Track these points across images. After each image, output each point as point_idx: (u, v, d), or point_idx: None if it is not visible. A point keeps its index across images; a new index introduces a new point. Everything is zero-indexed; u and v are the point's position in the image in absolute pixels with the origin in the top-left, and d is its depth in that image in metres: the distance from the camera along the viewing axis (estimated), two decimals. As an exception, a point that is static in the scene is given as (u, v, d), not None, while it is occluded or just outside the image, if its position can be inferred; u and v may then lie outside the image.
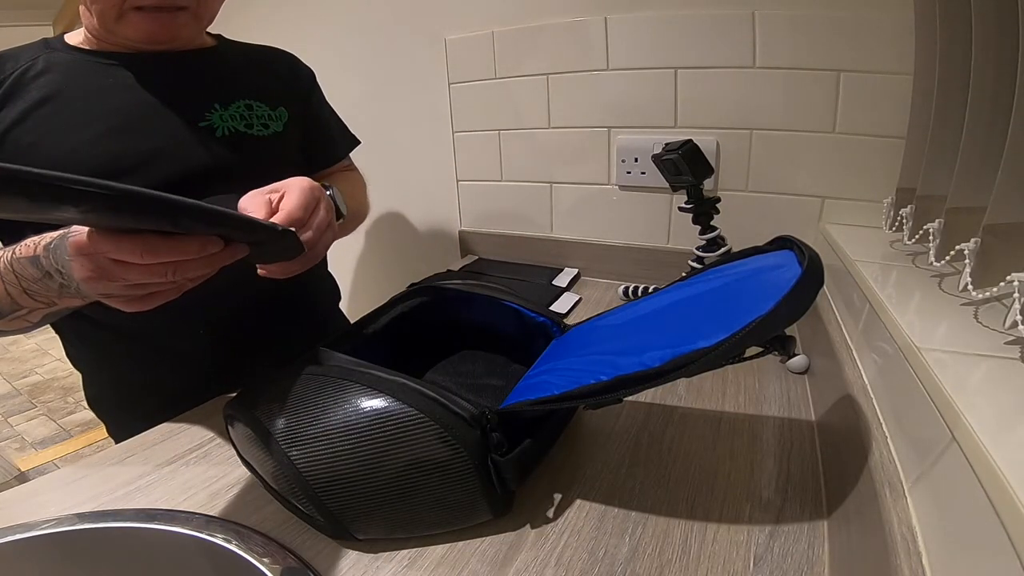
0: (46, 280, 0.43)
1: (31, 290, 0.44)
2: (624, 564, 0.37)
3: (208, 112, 0.62)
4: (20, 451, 2.08)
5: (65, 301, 0.45)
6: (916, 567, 0.28)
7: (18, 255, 0.44)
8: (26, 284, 0.44)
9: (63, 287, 0.42)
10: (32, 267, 0.43)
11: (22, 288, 0.44)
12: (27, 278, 0.44)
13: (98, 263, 0.36)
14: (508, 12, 0.89)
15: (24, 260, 0.44)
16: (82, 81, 0.57)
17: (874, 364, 0.46)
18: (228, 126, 0.63)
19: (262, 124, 0.66)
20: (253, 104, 0.66)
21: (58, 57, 0.58)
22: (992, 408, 0.29)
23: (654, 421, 0.53)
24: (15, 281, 0.44)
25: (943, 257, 0.46)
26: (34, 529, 0.41)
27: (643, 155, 0.84)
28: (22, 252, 0.44)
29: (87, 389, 0.71)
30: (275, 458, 0.39)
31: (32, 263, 0.43)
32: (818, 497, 0.42)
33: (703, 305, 0.42)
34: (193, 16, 0.59)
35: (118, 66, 0.59)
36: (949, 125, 0.49)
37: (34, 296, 0.45)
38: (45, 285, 0.43)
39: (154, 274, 0.37)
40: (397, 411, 0.37)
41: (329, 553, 0.40)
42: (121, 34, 0.57)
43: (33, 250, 0.43)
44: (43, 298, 0.45)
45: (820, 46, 0.69)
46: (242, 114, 0.64)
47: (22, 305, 0.46)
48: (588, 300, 0.85)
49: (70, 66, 0.58)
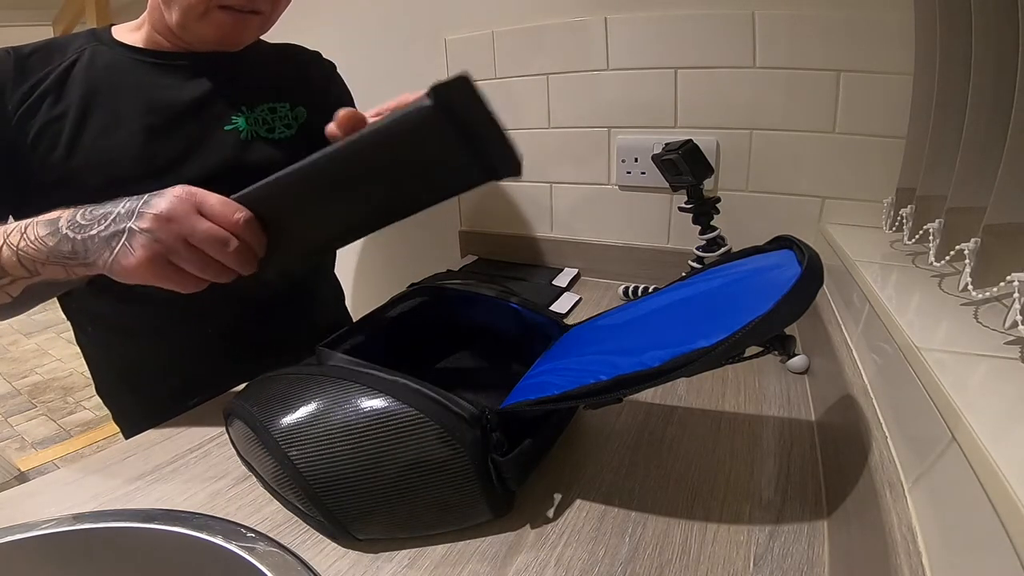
0: (55, 243, 0.43)
1: (25, 253, 0.45)
2: (624, 564, 0.37)
3: (235, 115, 0.63)
4: (20, 451, 2.08)
5: (51, 270, 0.45)
6: (916, 567, 0.28)
7: (38, 219, 0.45)
8: (25, 245, 0.45)
9: (70, 256, 0.43)
10: (46, 229, 0.44)
11: (16, 250, 0.45)
12: (31, 240, 0.44)
13: (170, 244, 0.40)
14: (508, 12, 0.89)
15: (41, 222, 0.45)
16: (125, 79, 0.58)
17: (874, 364, 0.46)
18: (252, 130, 0.64)
19: (284, 125, 0.67)
20: (277, 106, 0.67)
21: (104, 52, 0.59)
22: (992, 408, 0.29)
23: (654, 421, 0.53)
24: (14, 244, 0.45)
25: (943, 257, 0.46)
26: (34, 529, 0.41)
27: (643, 155, 0.84)
28: (42, 217, 0.45)
29: (96, 377, 0.73)
30: (275, 458, 0.39)
31: (48, 225, 0.44)
32: (818, 497, 0.42)
33: (703, 305, 0.42)
34: (263, 21, 0.60)
35: (165, 66, 0.60)
36: (949, 125, 0.49)
37: (23, 260, 0.45)
38: (46, 247, 0.44)
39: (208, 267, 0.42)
40: (397, 411, 0.37)
41: (329, 553, 0.40)
42: (198, 33, 0.58)
43: (57, 217, 0.45)
44: (31, 263, 0.45)
45: (820, 46, 0.69)
46: (265, 118, 0.65)
47: (8, 272, 0.46)
48: (588, 300, 0.85)
49: (115, 62, 0.59)
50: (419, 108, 0.36)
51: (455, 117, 0.36)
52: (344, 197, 0.42)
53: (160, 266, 0.41)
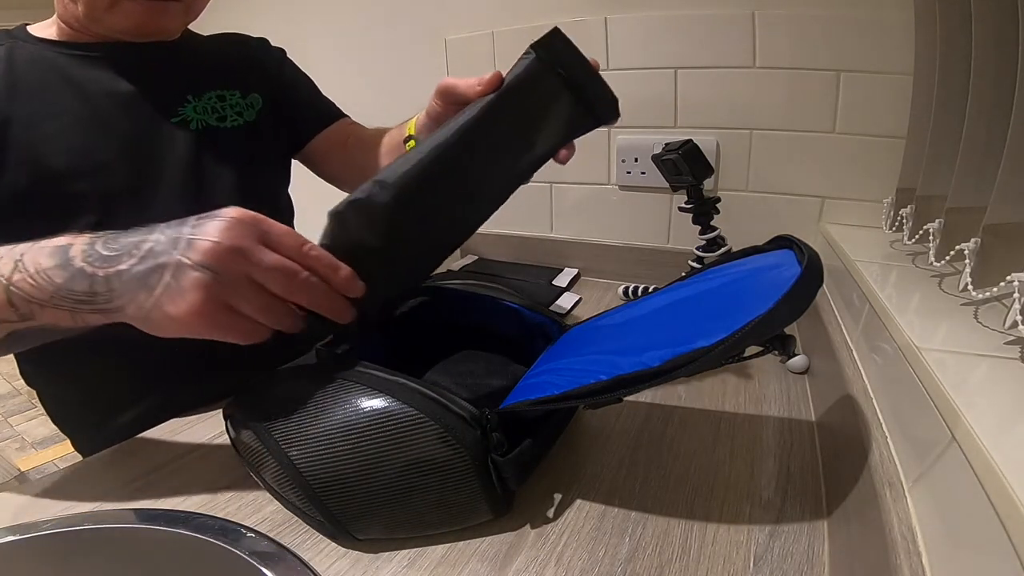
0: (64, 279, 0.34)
1: (19, 289, 0.35)
2: (624, 564, 0.37)
3: (181, 106, 0.60)
4: (20, 451, 2.08)
5: (52, 315, 0.35)
6: (916, 567, 0.28)
7: (36, 245, 0.36)
8: (20, 279, 0.35)
9: (86, 299, 0.34)
10: (51, 259, 0.35)
11: (6, 285, 0.35)
12: (29, 273, 0.35)
13: (232, 283, 0.33)
14: (508, 12, 0.89)
15: (42, 251, 0.36)
16: (50, 74, 0.54)
17: (874, 364, 0.46)
18: (201, 119, 0.61)
19: (236, 113, 0.64)
20: (225, 94, 0.64)
21: (25, 48, 0.55)
22: (992, 408, 0.29)
23: (654, 421, 0.53)
24: (3, 275, 0.36)
25: (943, 257, 0.46)
26: (34, 529, 0.41)
27: (643, 155, 0.84)
28: (42, 243, 0.36)
29: (51, 406, 0.66)
30: (275, 458, 0.39)
31: (54, 254, 0.35)
32: (818, 497, 0.42)
33: (702, 305, 0.42)
34: (185, 9, 0.57)
35: (90, 58, 0.56)
36: (949, 125, 0.49)
37: (15, 300, 0.35)
38: (51, 284, 0.34)
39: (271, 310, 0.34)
40: (397, 411, 0.37)
41: (329, 553, 0.40)
42: (108, 23, 0.54)
43: (66, 244, 0.36)
44: (24, 303, 0.35)
45: (820, 46, 0.69)
46: (214, 106, 0.62)
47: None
48: (588, 300, 0.85)
49: (38, 57, 0.54)
50: (527, 64, 0.39)
51: (559, 64, 0.39)
52: (461, 185, 0.41)
53: (219, 312, 0.33)
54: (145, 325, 0.34)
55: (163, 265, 0.33)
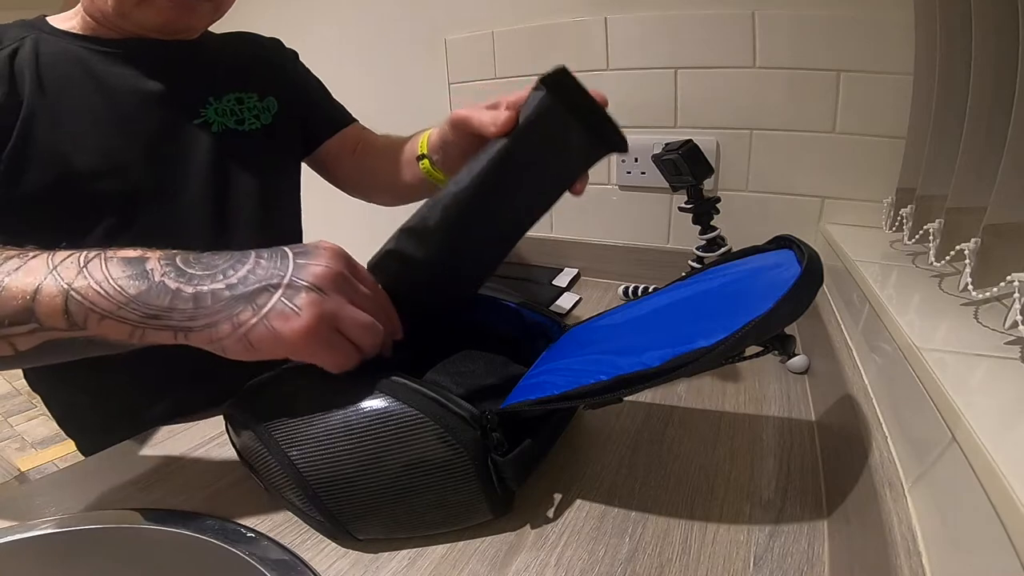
0: (140, 291, 0.33)
1: (82, 297, 0.33)
2: (624, 564, 0.37)
3: (203, 107, 0.60)
4: (20, 451, 2.08)
5: (110, 328, 0.33)
6: (916, 567, 0.28)
7: (105, 254, 0.35)
8: (85, 286, 0.33)
9: (161, 314, 0.33)
10: (123, 269, 0.34)
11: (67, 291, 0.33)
12: (96, 281, 0.33)
13: (339, 306, 0.35)
14: (508, 12, 0.89)
15: (113, 260, 0.34)
16: (74, 69, 0.53)
17: (874, 364, 0.46)
18: (221, 122, 0.61)
19: (254, 116, 0.64)
20: (243, 96, 0.64)
21: (48, 40, 0.53)
22: (992, 408, 0.29)
23: (654, 421, 0.53)
24: (66, 281, 0.33)
25: (943, 257, 0.46)
26: (34, 529, 0.41)
27: (643, 155, 0.84)
28: (112, 253, 0.35)
29: (57, 410, 0.65)
30: (275, 458, 0.39)
31: (127, 265, 0.34)
32: (818, 497, 0.42)
33: (702, 305, 0.42)
34: (213, 8, 0.57)
35: (113, 54, 0.55)
36: (949, 125, 0.49)
37: (72, 307, 0.33)
38: (123, 295, 0.33)
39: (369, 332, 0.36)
40: (396, 411, 0.37)
41: (329, 553, 0.40)
42: (136, 20, 0.53)
43: (140, 256, 0.35)
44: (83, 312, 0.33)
45: (820, 46, 0.69)
46: (232, 108, 0.62)
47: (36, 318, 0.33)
48: (588, 300, 0.85)
49: (63, 51, 0.53)
50: (540, 100, 0.40)
51: (570, 97, 0.40)
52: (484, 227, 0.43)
53: (327, 331, 0.34)
54: (232, 345, 0.33)
55: (274, 285, 0.34)
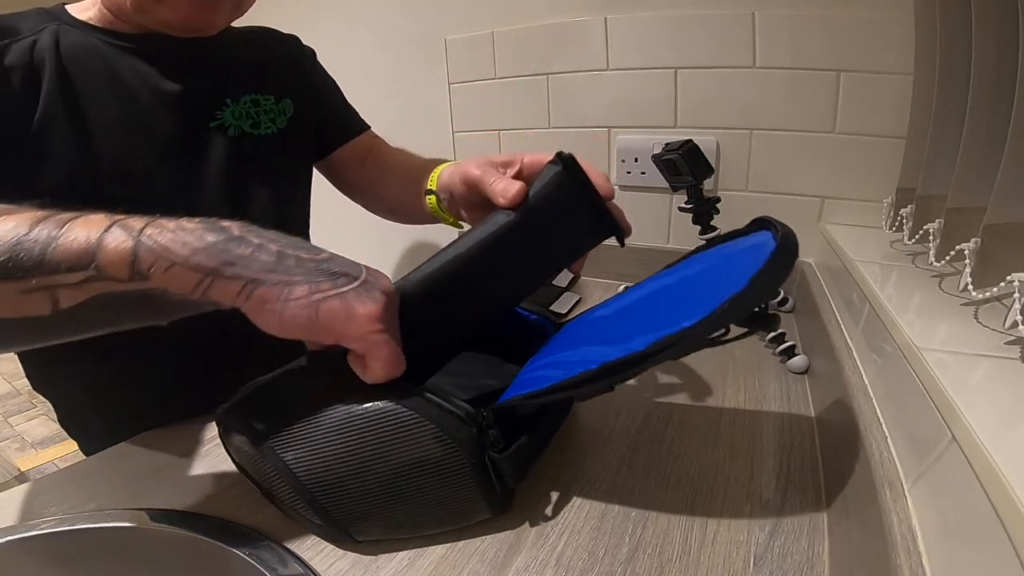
0: (219, 239, 0.33)
1: (152, 242, 0.32)
2: (624, 564, 0.37)
3: (220, 109, 0.59)
4: (20, 451, 2.08)
5: (178, 277, 0.32)
6: (916, 567, 0.28)
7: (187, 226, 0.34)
8: (156, 232, 0.33)
9: (239, 259, 0.33)
10: (196, 224, 0.34)
11: (136, 236, 0.32)
12: (169, 228, 0.33)
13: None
14: (508, 12, 0.89)
15: (185, 220, 0.35)
16: (95, 65, 0.51)
17: (874, 364, 0.46)
18: (238, 125, 0.59)
19: (269, 120, 0.63)
20: (260, 98, 0.62)
21: (69, 32, 0.52)
22: (992, 408, 0.29)
23: (654, 421, 0.53)
24: (134, 228, 0.33)
25: (943, 257, 0.46)
26: (34, 529, 0.41)
27: (643, 155, 0.84)
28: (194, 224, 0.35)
29: (61, 411, 0.65)
30: (271, 463, 0.39)
31: (205, 222, 0.35)
32: (818, 497, 0.42)
33: (686, 288, 0.43)
34: (234, 6, 0.55)
35: (130, 49, 0.53)
36: (949, 125, 0.49)
37: (142, 252, 0.32)
38: (202, 242, 0.33)
39: None
40: (391, 411, 0.37)
41: (329, 553, 0.40)
42: (155, 15, 0.52)
43: (214, 221, 0.35)
44: (152, 257, 0.32)
45: (820, 46, 0.69)
46: (248, 111, 0.61)
47: (97, 265, 0.31)
48: (588, 300, 0.85)
49: (83, 44, 0.52)
50: (554, 172, 0.42)
51: (577, 178, 0.42)
52: (482, 290, 0.45)
53: (390, 326, 0.37)
54: (296, 309, 0.33)
55: (352, 275, 0.36)
